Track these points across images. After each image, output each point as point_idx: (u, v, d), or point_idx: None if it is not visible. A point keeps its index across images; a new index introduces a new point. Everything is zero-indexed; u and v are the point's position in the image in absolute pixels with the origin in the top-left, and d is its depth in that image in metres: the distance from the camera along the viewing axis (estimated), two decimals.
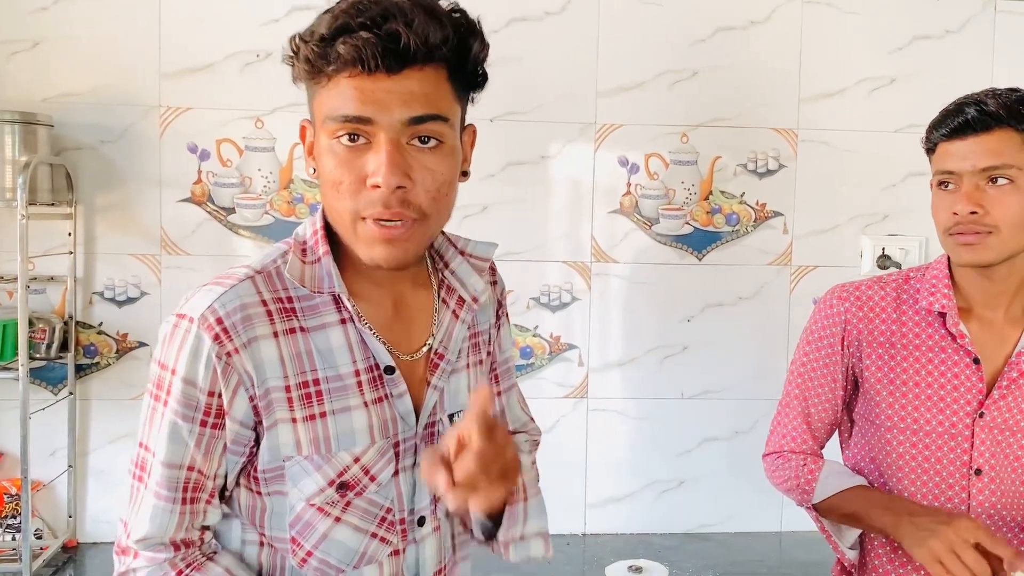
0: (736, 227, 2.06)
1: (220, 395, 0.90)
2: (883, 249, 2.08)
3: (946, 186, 1.27)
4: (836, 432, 1.49)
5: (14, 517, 1.84)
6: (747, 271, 2.07)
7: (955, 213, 1.23)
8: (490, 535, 1.02)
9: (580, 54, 1.98)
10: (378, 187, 0.85)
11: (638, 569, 1.75)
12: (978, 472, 1.29)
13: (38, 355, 1.81)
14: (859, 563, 1.41)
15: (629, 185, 2.02)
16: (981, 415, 1.29)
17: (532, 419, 1.24)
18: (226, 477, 0.94)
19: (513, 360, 1.20)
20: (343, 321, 0.94)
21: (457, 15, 0.89)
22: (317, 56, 0.86)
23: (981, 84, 2.03)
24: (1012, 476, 1.29)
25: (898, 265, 2.05)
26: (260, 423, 0.91)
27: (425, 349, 1.00)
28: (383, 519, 0.96)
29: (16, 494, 1.77)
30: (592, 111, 2.00)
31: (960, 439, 1.29)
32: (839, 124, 2.07)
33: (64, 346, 1.86)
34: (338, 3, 0.88)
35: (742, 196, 2.06)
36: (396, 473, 0.96)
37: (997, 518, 1.29)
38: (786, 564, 1.98)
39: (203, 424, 0.91)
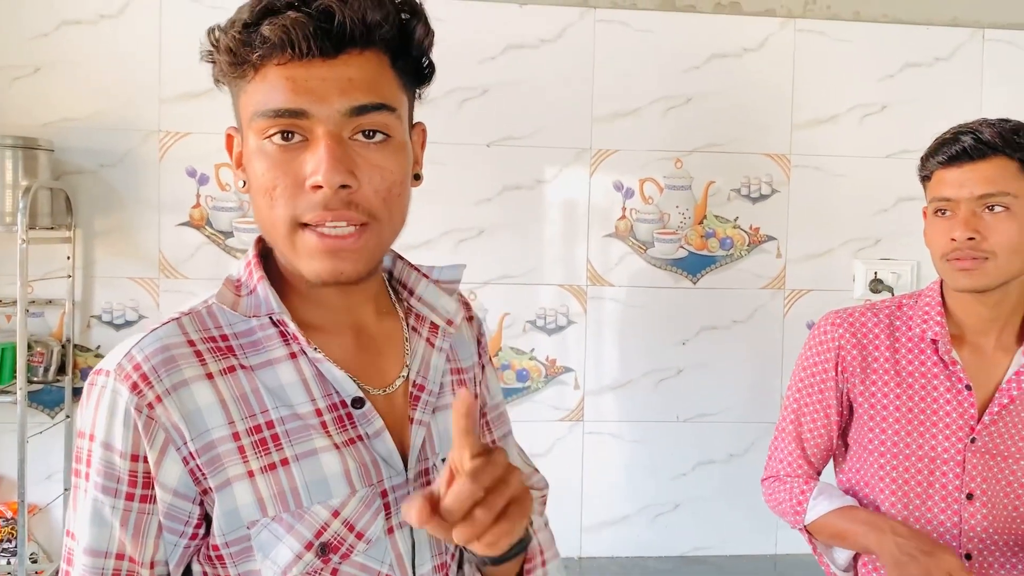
0: (730, 251, 2.08)
1: (145, 458, 0.74)
2: (875, 273, 2.10)
3: (943, 213, 1.29)
4: (832, 457, 1.51)
5: (10, 541, 1.84)
6: (741, 295, 2.09)
7: (953, 239, 1.25)
8: None
9: (576, 80, 2.01)
10: (319, 187, 0.73)
11: None
12: (970, 496, 1.31)
13: (35, 378, 1.82)
14: None
15: (624, 209, 2.04)
16: (973, 440, 1.31)
17: (536, 470, 1.09)
18: (167, 566, 0.78)
19: (504, 406, 1.07)
20: (292, 355, 0.80)
21: None
22: (240, 43, 0.74)
23: (971, 111, 2.08)
24: (1003, 501, 1.30)
25: (890, 289, 2.07)
26: (206, 492, 0.76)
27: (400, 382, 0.87)
28: None
29: (12, 518, 1.77)
30: (588, 136, 2.02)
31: (952, 464, 1.31)
32: (831, 150, 2.09)
33: (61, 369, 1.86)
34: None
35: (736, 220, 2.08)
36: (391, 531, 0.82)
37: (989, 541, 1.31)
38: None
39: (128, 498, 0.75)
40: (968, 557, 1.32)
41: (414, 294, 0.92)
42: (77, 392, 1.89)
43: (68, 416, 1.88)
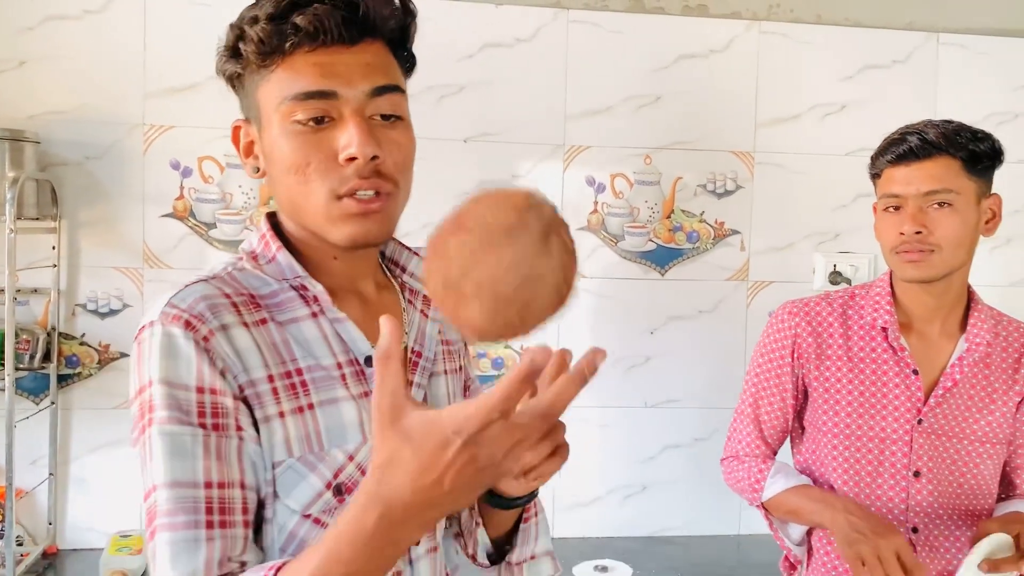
0: (696, 244, 2.16)
1: (211, 389, 0.78)
2: (835, 266, 2.20)
3: (892, 209, 1.39)
4: (788, 438, 1.60)
5: None
6: (707, 286, 2.17)
7: (902, 233, 1.35)
8: (499, 557, 0.98)
9: (550, 79, 2.08)
10: (354, 159, 0.81)
11: (604, 568, 1.84)
12: (917, 474, 1.40)
13: (22, 366, 1.86)
14: (805, 558, 1.52)
15: (596, 204, 2.12)
16: (919, 422, 1.41)
17: None
18: (258, 492, 0.81)
19: (475, 379, 1.15)
20: (313, 315, 0.87)
21: None
22: (271, 34, 0.80)
23: (926, 111, 2.19)
24: (948, 478, 1.40)
25: (849, 281, 2.17)
26: (255, 421, 0.80)
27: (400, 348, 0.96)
28: None
29: (0, 503, 1.81)
30: (561, 133, 2.09)
31: (901, 444, 1.41)
32: (793, 148, 2.19)
33: (47, 357, 1.90)
34: None
35: (702, 215, 2.16)
36: None
37: (934, 516, 1.41)
38: (744, 565, 2.08)
39: (202, 426, 0.77)
40: (915, 531, 1.42)
41: (406, 271, 1.00)
42: (62, 379, 1.94)
43: (53, 403, 1.92)
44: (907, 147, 1.35)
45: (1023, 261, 2.27)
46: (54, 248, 1.90)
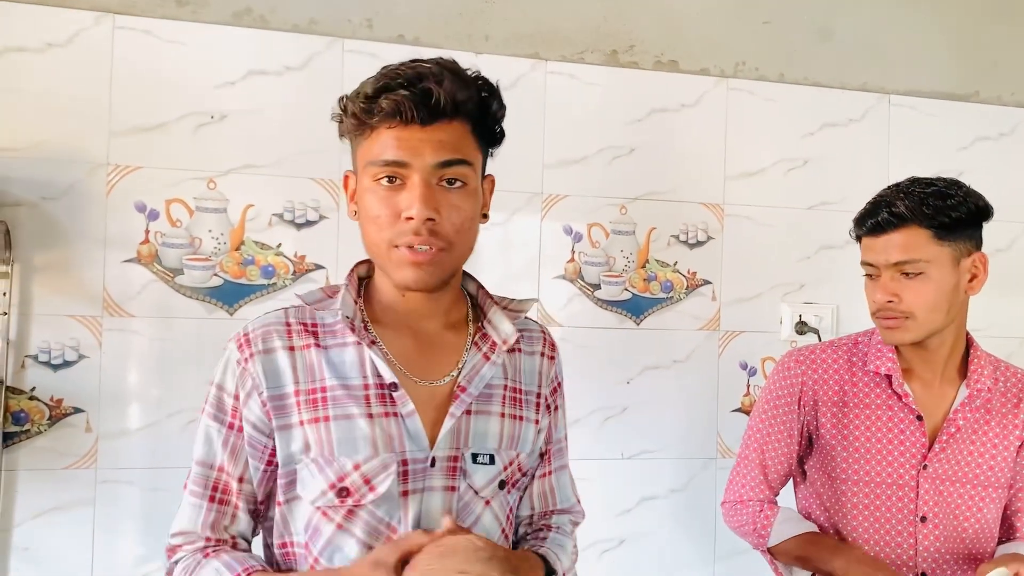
0: (670, 294, 2.18)
1: (238, 397, 1.04)
2: (800, 316, 2.25)
3: (871, 276, 1.44)
4: (790, 482, 1.60)
5: None
6: (680, 335, 2.19)
7: (875, 301, 1.41)
8: None
9: (528, 128, 2.08)
10: (412, 219, 0.98)
11: None
12: (923, 519, 1.42)
13: None
14: None
15: (573, 252, 2.11)
16: (925, 467, 1.43)
17: (579, 501, 1.32)
18: (252, 484, 1.05)
19: (566, 441, 1.30)
20: (358, 343, 1.05)
21: (480, 80, 1.07)
22: (363, 111, 1.01)
23: (879, 167, 2.29)
24: (953, 523, 1.43)
25: (815, 331, 2.22)
26: (274, 430, 1.03)
27: (448, 379, 1.08)
28: (388, 539, 1.01)
29: None
30: (539, 182, 2.09)
31: (907, 489, 1.43)
32: (760, 200, 2.24)
33: None
34: (381, 70, 1.04)
35: (675, 265, 2.19)
36: (405, 494, 1.02)
37: (941, 560, 1.42)
38: None
39: (229, 427, 1.05)
40: (923, 575, 1.43)
41: (486, 317, 1.15)
42: (8, 437, 1.77)
43: None
44: (876, 219, 1.40)
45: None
46: (4, 295, 1.76)
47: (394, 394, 1.04)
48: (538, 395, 1.18)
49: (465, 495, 1.06)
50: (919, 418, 1.44)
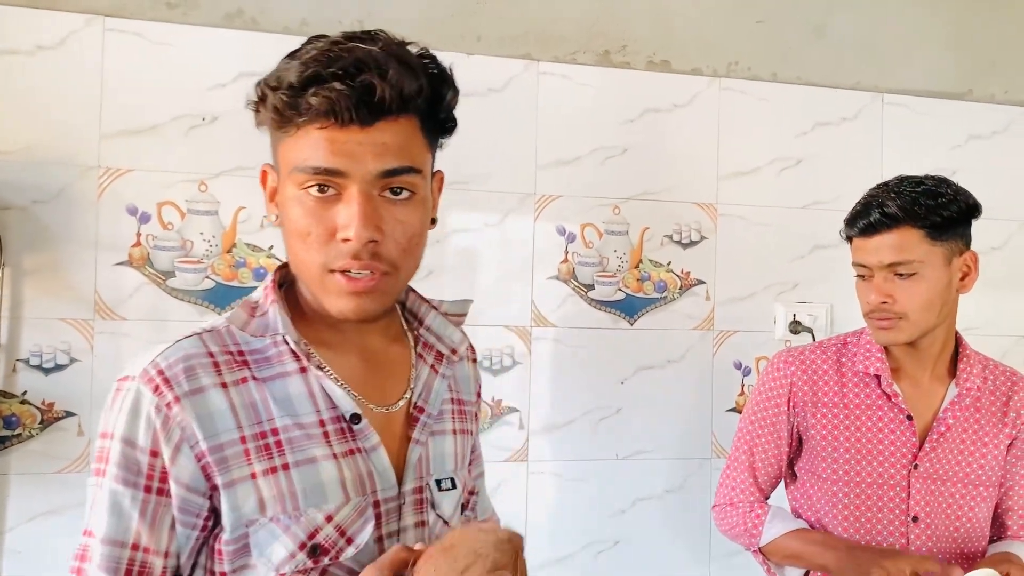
0: (664, 294, 2.18)
1: (158, 454, 0.81)
2: (794, 315, 2.24)
3: (863, 277, 1.43)
4: (782, 482, 1.60)
5: None
6: (674, 335, 2.18)
7: (868, 302, 1.40)
8: None
9: (520, 128, 2.08)
10: (349, 240, 0.82)
11: None
12: (915, 519, 1.42)
13: None
14: None
15: (566, 253, 2.11)
16: (916, 467, 1.43)
17: (494, 511, 1.21)
18: (178, 559, 0.84)
19: (480, 448, 1.17)
20: (302, 370, 0.88)
21: (429, 63, 0.88)
22: (286, 106, 0.81)
23: (873, 166, 2.28)
24: (945, 522, 1.42)
25: (809, 330, 2.22)
26: (215, 488, 0.82)
27: (402, 402, 0.94)
28: None
29: None
30: (532, 182, 2.09)
31: (898, 489, 1.43)
32: (753, 200, 2.24)
33: None
34: (304, 50, 0.84)
35: (669, 265, 2.18)
36: (380, 539, 0.88)
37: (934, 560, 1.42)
38: None
39: (147, 490, 0.81)
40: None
41: (423, 323, 1.01)
42: (0, 441, 1.77)
43: None
44: (868, 220, 1.39)
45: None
46: None
47: (355, 427, 0.88)
48: (473, 403, 1.08)
49: (435, 527, 0.94)
50: (909, 417, 1.44)
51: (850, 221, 1.45)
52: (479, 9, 2.07)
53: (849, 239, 1.47)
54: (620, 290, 2.15)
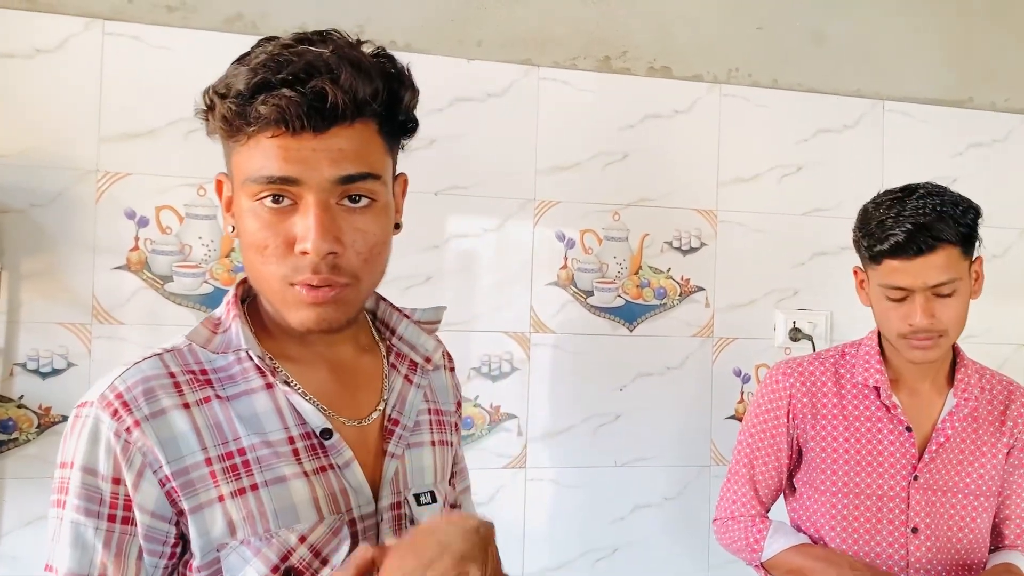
0: (664, 300, 2.17)
1: (124, 481, 0.78)
2: (794, 322, 2.24)
3: (893, 299, 1.37)
4: (781, 496, 1.59)
5: None
6: (674, 342, 2.18)
7: (911, 324, 1.34)
8: None
9: (520, 134, 2.07)
10: (307, 253, 0.79)
11: None
12: (915, 531, 1.41)
13: None
14: None
15: (566, 259, 2.10)
16: (915, 478, 1.42)
17: None
18: None
19: (464, 461, 1.14)
20: (268, 386, 0.85)
21: (384, 63, 0.84)
22: (235, 115, 0.78)
23: (873, 172, 2.28)
24: (946, 533, 1.42)
25: (809, 338, 2.21)
26: (181, 514, 0.80)
27: (376, 415, 0.91)
28: None
29: None
30: (531, 188, 2.08)
31: (898, 500, 1.42)
32: (753, 207, 2.24)
33: None
34: (253, 54, 0.81)
35: (668, 271, 2.18)
36: None
37: (934, 572, 1.42)
38: None
39: (111, 519, 0.78)
40: None
41: (395, 333, 0.98)
42: None
43: None
44: (908, 240, 1.31)
45: None
46: None
47: (326, 442, 0.85)
48: (454, 414, 1.06)
49: None
50: (908, 429, 1.43)
51: (882, 240, 1.34)
52: (479, 14, 2.07)
53: (874, 258, 1.38)
54: (619, 296, 2.14)
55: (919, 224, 1.31)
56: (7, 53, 1.78)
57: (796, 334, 2.23)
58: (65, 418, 1.74)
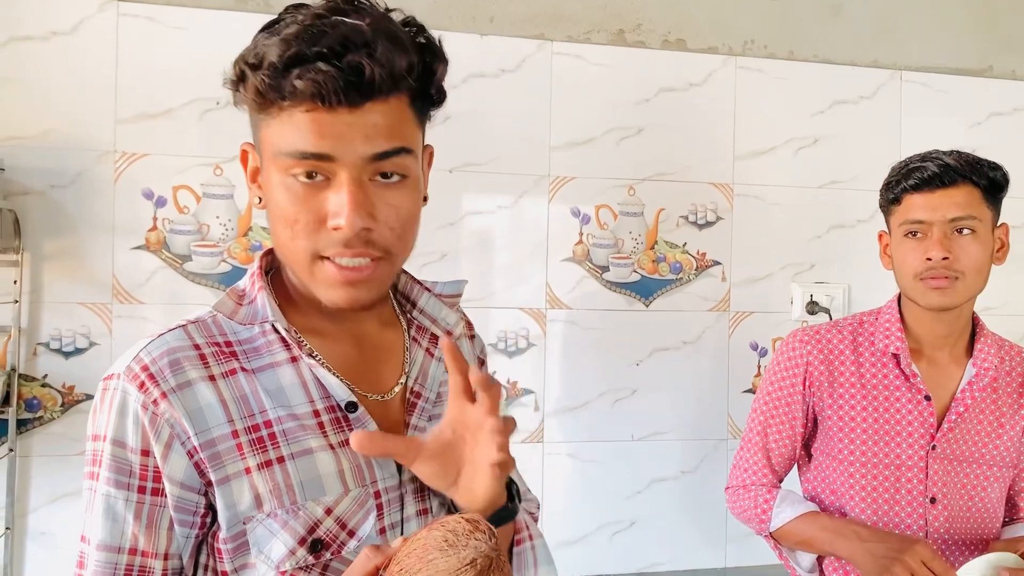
0: (679, 275, 2.17)
1: (152, 452, 0.79)
2: (811, 296, 2.23)
3: (914, 235, 1.39)
4: (795, 465, 1.59)
5: None
6: (690, 317, 2.18)
7: (928, 258, 1.35)
8: None
9: (534, 110, 2.07)
10: (340, 229, 0.78)
11: None
12: (933, 500, 1.41)
13: None
14: None
15: (581, 235, 2.10)
16: (933, 448, 1.42)
17: (529, 489, 1.15)
18: (181, 560, 0.82)
19: None
20: (293, 359, 0.85)
21: (418, 37, 0.82)
22: (269, 88, 0.76)
23: (891, 144, 2.26)
24: (964, 503, 1.41)
25: (826, 311, 2.21)
26: (209, 484, 0.80)
27: (399, 388, 0.91)
28: None
29: None
30: (546, 164, 2.08)
31: (916, 470, 1.42)
32: (770, 180, 2.22)
33: (6, 400, 1.76)
34: (284, 22, 0.79)
35: (684, 246, 2.17)
36: (382, 531, 0.85)
37: (952, 542, 1.41)
38: None
39: (140, 491, 0.79)
40: None
41: (416, 306, 0.97)
42: (21, 424, 1.79)
43: (11, 450, 1.78)
44: (930, 173, 1.36)
45: None
46: (16, 283, 1.77)
47: (351, 415, 0.85)
48: None
49: (439, 515, 0.90)
50: (927, 398, 1.42)
51: (905, 176, 1.38)
52: None
53: (895, 200, 1.41)
54: (635, 272, 2.14)
55: (944, 164, 1.35)
56: (23, 36, 1.79)
57: (813, 307, 2.23)
58: (89, 396, 1.78)
